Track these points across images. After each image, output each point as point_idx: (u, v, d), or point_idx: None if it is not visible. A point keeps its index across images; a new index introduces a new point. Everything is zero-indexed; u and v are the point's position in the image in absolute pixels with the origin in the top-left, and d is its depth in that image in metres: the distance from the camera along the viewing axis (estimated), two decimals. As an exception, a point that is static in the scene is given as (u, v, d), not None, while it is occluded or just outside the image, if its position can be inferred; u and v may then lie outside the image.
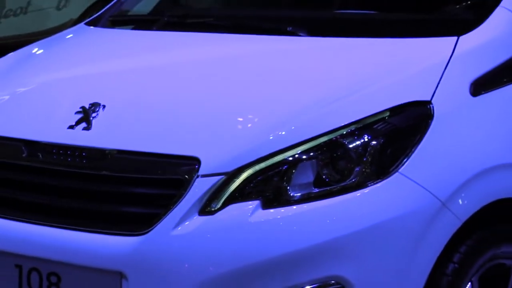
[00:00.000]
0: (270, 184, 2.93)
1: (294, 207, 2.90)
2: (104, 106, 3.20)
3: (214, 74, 3.42)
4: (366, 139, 2.98)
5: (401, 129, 3.02)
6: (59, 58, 3.81)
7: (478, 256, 3.07)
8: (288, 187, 2.93)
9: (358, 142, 2.98)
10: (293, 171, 2.94)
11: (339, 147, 2.97)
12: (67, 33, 4.09)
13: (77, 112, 3.20)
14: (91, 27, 4.02)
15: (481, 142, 3.13)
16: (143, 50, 3.76)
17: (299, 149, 2.95)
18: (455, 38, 3.25)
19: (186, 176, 2.94)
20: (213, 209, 2.91)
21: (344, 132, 2.98)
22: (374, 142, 2.98)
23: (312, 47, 3.49)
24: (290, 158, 2.95)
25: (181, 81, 3.41)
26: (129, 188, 3.03)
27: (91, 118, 3.17)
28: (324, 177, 2.95)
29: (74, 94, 3.32)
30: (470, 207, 3.04)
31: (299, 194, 2.93)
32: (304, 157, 2.95)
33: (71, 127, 3.17)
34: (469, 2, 3.62)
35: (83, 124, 3.16)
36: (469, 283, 3.06)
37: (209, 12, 4.12)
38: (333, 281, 2.87)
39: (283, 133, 2.98)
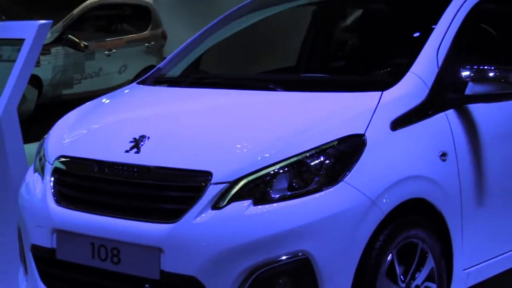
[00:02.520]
0: (258, 189, 2.91)
1: (274, 204, 2.89)
2: (148, 137, 3.18)
3: (221, 115, 3.41)
4: (322, 159, 2.96)
5: (345, 152, 3.00)
6: (119, 106, 3.80)
7: (396, 236, 3.04)
8: (270, 191, 2.91)
9: (316, 161, 2.96)
10: (274, 180, 2.93)
11: (304, 164, 2.95)
12: (124, 89, 4.08)
13: (131, 141, 3.18)
14: (140, 85, 4.01)
15: (397, 161, 3.11)
16: (174, 100, 3.74)
17: (277, 166, 2.94)
18: (380, 92, 3.23)
19: (203, 184, 2.93)
20: (220, 206, 2.90)
21: (307, 155, 2.96)
22: (327, 161, 2.96)
23: (286, 98, 3.48)
24: (272, 172, 2.93)
25: (199, 120, 3.39)
26: (165, 191, 3.01)
27: (140, 145, 3.15)
28: (294, 184, 2.93)
29: (129, 129, 3.30)
30: (390, 204, 3.02)
31: (277, 196, 2.91)
32: (281, 171, 2.94)
33: (126, 151, 3.15)
34: (389, 69, 3.62)
35: (135, 150, 3.14)
36: (390, 254, 3.03)
37: (218, 75, 4.11)
38: (300, 254, 2.85)
39: (267, 155, 2.97)
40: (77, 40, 9.28)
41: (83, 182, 3.23)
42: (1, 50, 4.14)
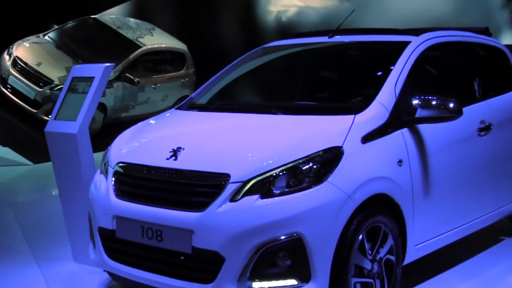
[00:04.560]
0: (264, 187, 2.88)
1: (276, 198, 2.85)
2: (183, 148, 3.15)
3: (237, 132, 3.36)
4: (311, 165, 2.93)
5: (328, 160, 2.96)
6: (162, 125, 3.76)
7: (365, 222, 3.00)
8: (273, 188, 2.88)
9: (307, 166, 2.92)
10: (276, 180, 2.89)
11: (298, 168, 2.92)
12: (166, 113, 4.05)
13: (170, 151, 3.14)
14: (178, 110, 3.98)
15: (366, 166, 3.07)
16: (203, 121, 3.70)
17: (278, 170, 2.90)
18: (353, 115, 3.20)
19: (223, 183, 2.90)
20: (236, 199, 2.86)
21: (301, 161, 2.93)
22: (315, 166, 2.92)
23: (285, 119, 3.43)
24: (274, 174, 2.90)
25: (221, 135, 3.35)
26: (195, 188, 2.97)
27: (177, 154, 3.12)
28: (290, 183, 2.89)
29: (169, 142, 3.26)
30: (361, 197, 2.98)
31: (278, 192, 2.87)
32: (281, 173, 2.90)
33: (167, 158, 3.12)
34: (360, 98, 3.58)
35: (173, 157, 3.11)
36: (361, 235, 2.99)
37: (235, 102, 4.08)
38: (295, 234, 2.82)
39: (271, 162, 2.93)
40: (132, 77, 9.39)
41: (135, 181, 3.20)
42: (77, 85, 4.15)
